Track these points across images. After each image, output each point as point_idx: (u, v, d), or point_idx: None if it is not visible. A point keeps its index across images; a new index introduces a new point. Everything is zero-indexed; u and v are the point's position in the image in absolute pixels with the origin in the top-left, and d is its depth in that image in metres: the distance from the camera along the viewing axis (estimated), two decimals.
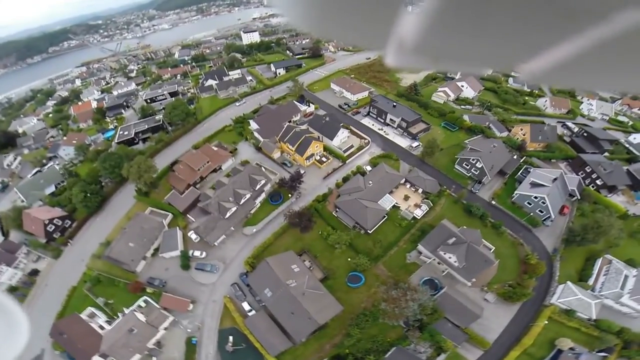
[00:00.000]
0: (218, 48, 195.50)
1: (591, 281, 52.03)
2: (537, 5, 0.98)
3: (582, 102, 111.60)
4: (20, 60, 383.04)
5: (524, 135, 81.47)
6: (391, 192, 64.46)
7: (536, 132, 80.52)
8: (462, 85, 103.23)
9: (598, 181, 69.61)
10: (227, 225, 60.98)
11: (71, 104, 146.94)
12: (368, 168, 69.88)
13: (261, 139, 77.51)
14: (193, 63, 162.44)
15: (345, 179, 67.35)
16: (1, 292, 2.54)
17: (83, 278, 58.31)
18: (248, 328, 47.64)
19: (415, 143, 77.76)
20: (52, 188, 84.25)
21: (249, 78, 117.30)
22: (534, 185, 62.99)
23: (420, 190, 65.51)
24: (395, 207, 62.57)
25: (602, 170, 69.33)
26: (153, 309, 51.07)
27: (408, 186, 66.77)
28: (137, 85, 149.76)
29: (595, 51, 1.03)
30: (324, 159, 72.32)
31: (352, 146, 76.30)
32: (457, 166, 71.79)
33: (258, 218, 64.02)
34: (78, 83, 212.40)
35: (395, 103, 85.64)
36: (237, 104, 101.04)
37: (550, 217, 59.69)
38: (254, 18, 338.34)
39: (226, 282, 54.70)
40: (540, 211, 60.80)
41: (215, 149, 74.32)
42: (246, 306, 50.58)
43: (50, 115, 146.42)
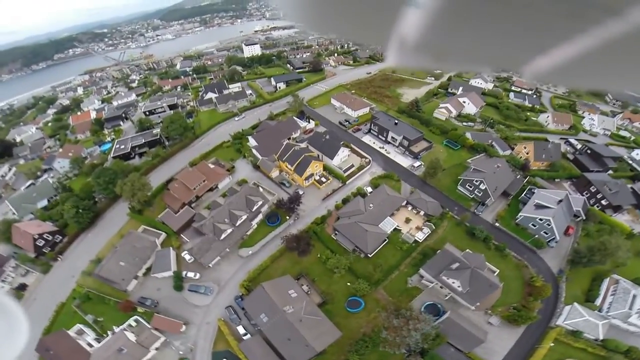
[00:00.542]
0: (219, 60, 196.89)
1: (598, 301, 51.11)
2: (540, 4, 0.98)
3: (584, 117, 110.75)
4: (25, 66, 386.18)
5: (528, 153, 79.98)
6: (392, 215, 62.46)
7: (540, 151, 79.01)
8: (464, 101, 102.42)
9: (603, 201, 68.16)
10: (222, 246, 58.97)
11: (71, 113, 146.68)
12: (369, 189, 68.03)
13: (259, 157, 75.89)
14: (194, 75, 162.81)
15: (345, 201, 65.49)
16: (1, 293, 2.57)
17: (72, 294, 56.93)
18: (243, 352, 45.86)
19: (417, 163, 76.13)
20: (45, 202, 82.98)
21: (249, 92, 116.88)
22: (539, 207, 61.62)
23: (422, 212, 63.50)
24: (396, 230, 60.65)
25: (608, 190, 67.86)
26: (144, 329, 49.57)
27: (410, 208, 64.78)
28: (138, 96, 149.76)
29: (602, 50, 1.03)
30: (324, 180, 70.54)
31: (353, 165, 74.62)
32: (460, 187, 69.96)
33: (254, 240, 62.05)
34: (80, 91, 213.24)
35: (396, 120, 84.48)
36: (237, 119, 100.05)
37: (555, 239, 58.70)
38: (256, 30, 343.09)
39: (220, 305, 53.15)
40: (545, 233, 59.73)
41: (212, 167, 72.60)
42: (241, 330, 48.89)
43: (49, 124, 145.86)
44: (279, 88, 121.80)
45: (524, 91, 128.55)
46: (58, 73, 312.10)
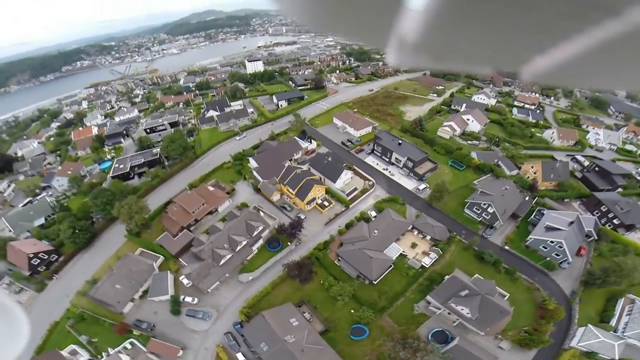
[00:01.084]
0: (222, 75, 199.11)
1: (613, 322, 49.89)
2: (541, 4, 0.97)
3: (589, 132, 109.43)
4: (34, 77, 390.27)
5: (535, 173, 78.12)
6: (397, 240, 60.22)
7: (548, 171, 77.18)
8: (468, 118, 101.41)
9: (615, 220, 66.41)
10: (222, 272, 57.00)
11: (74, 128, 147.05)
12: (373, 214, 65.93)
13: (260, 179, 74.31)
14: (196, 91, 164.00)
15: (348, 226, 63.35)
16: (1, 292, 2.52)
17: (66, 314, 55.86)
18: None
19: (422, 185, 74.16)
20: (42, 220, 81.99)
21: (250, 110, 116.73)
22: (549, 229, 59.81)
23: (428, 237, 61.21)
24: (402, 256, 58.45)
25: (619, 209, 66.18)
26: (139, 352, 48.24)
27: (415, 233, 62.50)
28: (140, 112, 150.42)
29: (602, 50, 1.03)
30: (326, 203, 68.51)
31: (356, 189, 72.67)
32: (467, 210, 67.80)
33: (255, 265, 59.95)
34: (85, 105, 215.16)
35: (400, 140, 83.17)
36: (238, 138, 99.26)
37: (567, 260, 56.98)
38: (259, 46, 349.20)
39: (219, 330, 51.40)
40: (556, 254, 57.89)
41: (211, 189, 70.97)
42: (241, 357, 47.44)
43: (51, 138, 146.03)
44: (281, 106, 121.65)
45: (527, 106, 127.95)
46: (65, 85, 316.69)
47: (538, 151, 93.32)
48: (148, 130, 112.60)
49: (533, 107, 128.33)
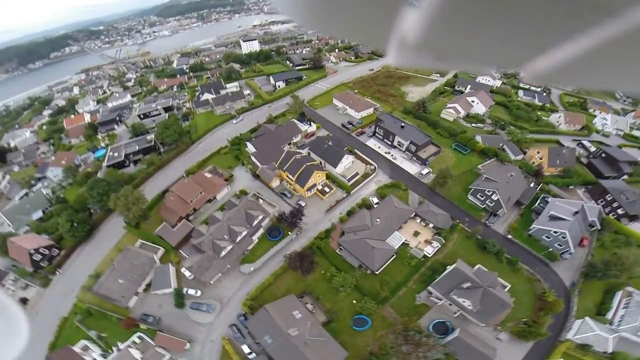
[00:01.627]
0: (217, 56, 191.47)
1: (610, 315, 50.10)
2: (541, 4, 0.98)
3: (595, 116, 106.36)
4: (21, 65, 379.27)
5: (541, 159, 75.88)
6: (400, 228, 59.02)
7: (554, 156, 74.98)
8: (473, 100, 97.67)
9: (619, 210, 65.00)
10: (223, 264, 56.37)
11: (66, 115, 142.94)
12: (374, 200, 64.38)
13: (259, 165, 72.12)
14: (190, 73, 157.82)
15: (350, 213, 62.04)
16: (1, 292, 2.52)
17: (74, 309, 56.03)
18: None
19: (425, 170, 72.08)
20: (40, 213, 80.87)
21: (247, 92, 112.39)
22: (554, 218, 58.40)
23: (431, 225, 60.03)
24: (404, 244, 57.50)
25: (625, 199, 64.61)
26: (148, 346, 48.65)
27: (418, 220, 61.29)
28: (133, 96, 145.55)
29: (602, 50, 1.04)
30: (327, 189, 66.75)
31: (357, 173, 70.60)
32: (471, 197, 66.26)
33: (256, 255, 59.22)
34: (76, 91, 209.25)
35: (403, 123, 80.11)
36: (234, 121, 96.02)
37: (569, 251, 56.08)
38: (254, 25, 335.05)
39: (224, 322, 51.72)
40: (559, 245, 56.93)
41: (209, 176, 68.97)
42: (246, 349, 47.79)
43: (44, 127, 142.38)
44: (278, 87, 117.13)
45: (533, 88, 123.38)
46: (55, 72, 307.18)
47: (544, 135, 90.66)
48: (141, 115, 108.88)
49: (539, 90, 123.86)
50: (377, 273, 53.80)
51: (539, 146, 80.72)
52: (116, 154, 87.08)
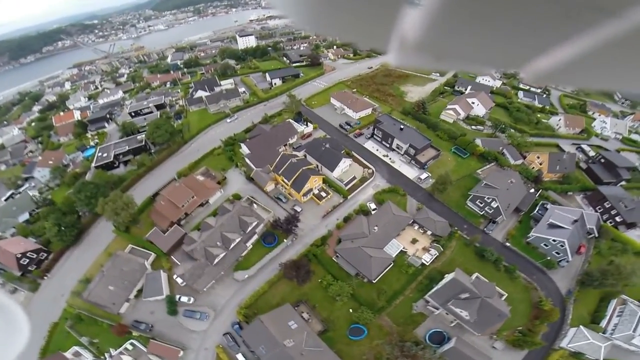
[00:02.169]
0: (213, 51, 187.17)
1: (604, 323, 50.04)
2: (541, 4, 0.98)
3: (595, 119, 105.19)
4: (13, 59, 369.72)
5: (541, 164, 74.50)
6: (398, 235, 57.42)
7: (554, 162, 73.65)
8: (473, 101, 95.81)
9: (617, 217, 64.38)
10: (216, 271, 54.81)
11: (56, 112, 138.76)
12: (372, 206, 62.61)
13: (253, 167, 69.83)
14: (184, 69, 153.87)
15: (347, 219, 60.36)
16: (1, 292, 2.46)
17: (64, 315, 54.96)
18: None
19: (424, 174, 70.38)
20: (26, 215, 78.22)
21: (242, 89, 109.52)
22: (552, 226, 57.44)
23: (429, 232, 58.50)
24: (402, 252, 56.06)
25: (624, 207, 63.95)
26: (141, 353, 47.78)
27: (416, 227, 59.71)
28: (125, 93, 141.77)
29: (602, 50, 1.05)
30: (323, 194, 64.74)
31: (355, 177, 68.63)
32: (470, 203, 64.82)
33: (250, 262, 57.57)
34: (67, 86, 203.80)
35: (402, 125, 78.09)
36: (228, 120, 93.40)
37: (566, 259, 55.45)
38: (251, 20, 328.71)
39: (218, 330, 50.71)
40: (556, 253, 56.30)
41: (201, 179, 66.58)
42: (241, 358, 47.13)
43: (33, 123, 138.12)
44: (275, 85, 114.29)
45: (533, 89, 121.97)
46: (47, 66, 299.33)
47: (543, 139, 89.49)
48: (132, 113, 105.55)
49: (539, 91, 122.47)
50: (374, 282, 52.45)
51: (539, 150, 79.33)
52: (105, 155, 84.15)
